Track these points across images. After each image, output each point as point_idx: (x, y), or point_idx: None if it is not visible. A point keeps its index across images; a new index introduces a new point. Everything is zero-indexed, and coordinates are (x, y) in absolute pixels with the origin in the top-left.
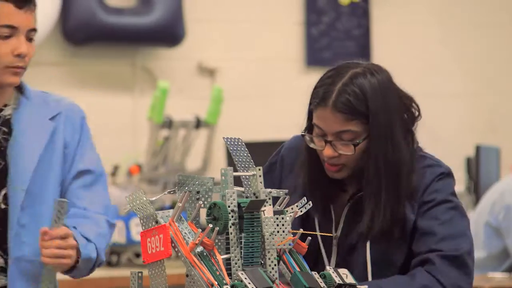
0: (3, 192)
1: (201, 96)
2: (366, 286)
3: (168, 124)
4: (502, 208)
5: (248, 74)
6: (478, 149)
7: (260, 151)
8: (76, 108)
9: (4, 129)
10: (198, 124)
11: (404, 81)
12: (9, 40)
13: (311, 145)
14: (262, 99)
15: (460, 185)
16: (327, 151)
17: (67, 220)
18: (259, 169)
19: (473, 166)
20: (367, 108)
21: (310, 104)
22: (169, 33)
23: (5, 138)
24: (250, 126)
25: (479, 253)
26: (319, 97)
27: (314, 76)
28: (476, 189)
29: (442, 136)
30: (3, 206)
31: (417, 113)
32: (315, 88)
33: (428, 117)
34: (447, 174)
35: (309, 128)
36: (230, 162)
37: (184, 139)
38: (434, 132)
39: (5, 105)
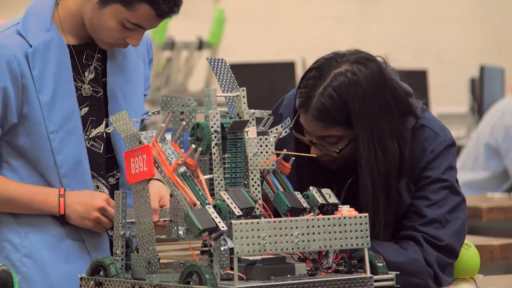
0: (102, 126)
1: (203, 17)
2: (348, 206)
3: (170, 45)
4: (502, 129)
5: None
6: (482, 69)
7: (263, 72)
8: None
9: (99, 55)
10: (201, 45)
11: (410, 3)
12: (128, 30)
13: (301, 139)
14: (265, 20)
15: (464, 106)
16: (313, 151)
17: None
18: (243, 90)
19: (477, 86)
20: (347, 115)
21: (295, 102)
22: None
23: (100, 65)
24: (252, 47)
25: (480, 174)
26: (300, 101)
27: None
28: (480, 110)
29: (447, 58)
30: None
31: (413, 105)
32: (299, 86)
33: (434, 39)
34: (447, 146)
35: (298, 121)
36: None
37: (187, 61)
38: (439, 54)
39: None
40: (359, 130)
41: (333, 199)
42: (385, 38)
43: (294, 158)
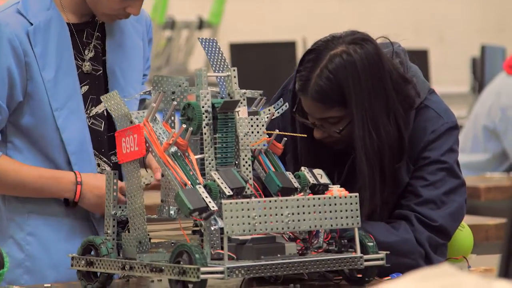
0: (102, 105)
1: None
2: (338, 186)
3: (171, 25)
4: (499, 110)
5: None
6: (483, 49)
7: (263, 52)
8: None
9: (98, 34)
10: (201, 24)
11: None
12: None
13: (305, 123)
14: None
15: (465, 85)
16: (316, 133)
17: None
18: (234, 70)
19: (478, 66)
20: (344, 95)
21: (294, 87)
22: None
23: (100, 44)
24: (253, 26)
25: (479, 156)
26: (299, 84)
27: None
28: (481, 89)
29: (448, 37)
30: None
31: (413, 93)
32: (298, 70)
33: (435, 18)
34: (449, 128)
35: (300, 105)
36: (234, 63)
37: (187, 40)
38: (440, 33)
39: None
40: (354, 110)
41: (324, 179)
42: (386, 17)
43: (293, 138)
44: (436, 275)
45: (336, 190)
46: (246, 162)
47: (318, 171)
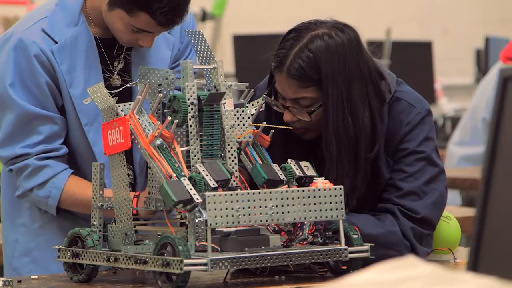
0: None
1: None
2: (323, 178)
3: None
4: None
5: None
6: (487, 40)
7: (267, 44)
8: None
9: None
10: (204, 16)
11: None
12: (138, 33)
13: (274, 108)
14: None
15: (469, 77)
16: (286, 116)
17: None
18: (220, 62)
19: (483, 57)
20: (319, 75)
21: (271, 66)
22: None
23: (129, 55)
24: (256, 18)
25: (479, 148)
26: (277, 61)
27: None
28: None
29: (452, 29)
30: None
31: (386, 92)
32: (277, 49)
33: (439, 10)
34: (423, 117)
35: (273, 89)
36: (237, 55)
37: None
38: (444, 25)
39: None
40: (329, 92)
41: (311, 172)
42: (391, 9)
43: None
44: (400, 266)
45: (321, 182)
46: (232, 154)
47: (305, 163)
